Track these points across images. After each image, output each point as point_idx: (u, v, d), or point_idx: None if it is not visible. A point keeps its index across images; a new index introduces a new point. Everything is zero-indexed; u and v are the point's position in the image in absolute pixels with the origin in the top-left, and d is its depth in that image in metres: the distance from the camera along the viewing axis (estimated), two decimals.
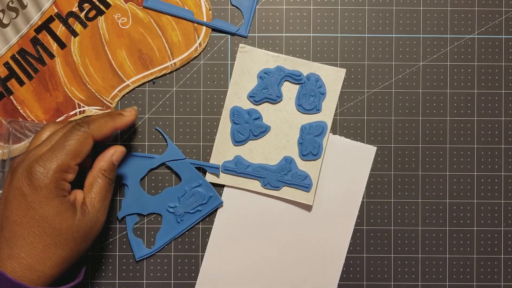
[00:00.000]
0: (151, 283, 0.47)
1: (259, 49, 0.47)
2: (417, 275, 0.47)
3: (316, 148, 0.46)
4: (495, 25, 0.47)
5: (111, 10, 0.46)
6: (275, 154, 0.46)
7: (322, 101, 0.46)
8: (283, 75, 0.46)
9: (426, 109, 0.47)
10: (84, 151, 0.37)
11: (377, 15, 0.47)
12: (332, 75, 0.46)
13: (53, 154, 0.36)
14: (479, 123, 0.47)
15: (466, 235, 0.47)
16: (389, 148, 0.47)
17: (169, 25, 0.47)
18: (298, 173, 0.46)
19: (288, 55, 0.47)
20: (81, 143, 0.37)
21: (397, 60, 0.47)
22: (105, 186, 0.39)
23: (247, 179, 0.46)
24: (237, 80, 0.46)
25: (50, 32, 0.46)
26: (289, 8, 0.47)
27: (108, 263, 0.47)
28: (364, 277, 0.47)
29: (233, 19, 0.47)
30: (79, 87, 0.47)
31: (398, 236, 0.47)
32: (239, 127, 0.46)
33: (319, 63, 0.46)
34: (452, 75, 0.47)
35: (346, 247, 0.47)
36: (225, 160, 0.46)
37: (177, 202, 0.46)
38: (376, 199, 0.47)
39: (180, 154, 0.46)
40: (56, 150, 0.36)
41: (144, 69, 0.47)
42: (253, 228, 0.47)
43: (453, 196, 0.47)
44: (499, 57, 0.47)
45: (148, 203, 0.46)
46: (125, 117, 0.41)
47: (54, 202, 0.35)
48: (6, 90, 0.46)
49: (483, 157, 0.47)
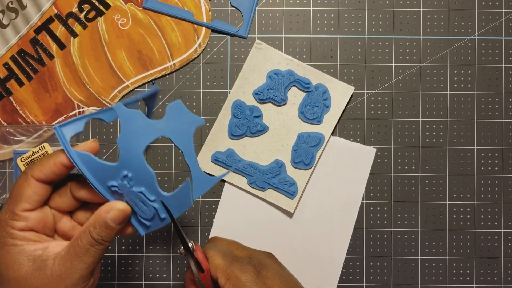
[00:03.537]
0: (150, 284, 0.47)
1: (274, 49, 0.47)
2: (417, 276, 0.47)
3: (309, 158, 0.46)
4: (495, 26, 0.47)
5: (111, 11, 0.46)
6: (268, 155, 0.46)
7: (325, 113, 0.46)
8: (292, 80, 0.46)
9: (426, 110, 0.47)
10: (25, 195, 0.33)
11: (377, 16, 0.47)
12: (341, 90, 0.46)
13: (5, 202, 0.34)
14: (479, 125, 0.47)
15: (466, 237, 0.47)
16: (389, 149, 0.47)
17: (168, 26, 0.47)
18: (286, 179, 0.46)
19: (288, 55, 0.47)
20: (20, 186, 0.33)
21: (397, 61, 0.47)
22: (85, 246, 0.33)
23: (235, 173, 0.46)
24: (246, 75, 0.46)
25: (49, 33, 0.46)
26: (289, 9, 0.47)
27: (107, 263, 0.47)
28: (363, 278, 0.47)
29: (233, 20, 0.47)
30: (78, 87, 0.47)
31: (397, 238, 0.47)
32: (238, 121, 0.46)
33: (330, 76, 0.46)
34: (452, 76, 0.47)
35: (346, 248, 0.47)
36: (217, 151, 0.46)
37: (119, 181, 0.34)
38: (375, 201, 0.47)
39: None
40: (8, 198, 0.34)
41: (143, 70, 0.47)
42: (253, 228, 0.47)
43: (453, 197, 0.47)
44: (499, 58, 0.47)
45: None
46: (74, 148, 0.34)
47: (1, 252, 0.33)
48: (5, 91, 0.46)
49: (483, 158, 0.47)
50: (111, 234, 0.34)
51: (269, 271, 0.37)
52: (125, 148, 0.33)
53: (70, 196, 0.35)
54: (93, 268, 0.33)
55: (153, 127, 0.33)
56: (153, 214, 0.35)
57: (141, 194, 0.34)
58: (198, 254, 0.37)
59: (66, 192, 0.35)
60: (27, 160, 0.44)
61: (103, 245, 0.33)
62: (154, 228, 0.36)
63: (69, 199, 0.35)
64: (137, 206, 0.34)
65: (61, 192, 0.35)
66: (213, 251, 0.37)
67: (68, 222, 0.36)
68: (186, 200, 0.35)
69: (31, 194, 0.33)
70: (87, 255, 0.33)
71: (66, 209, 0.36)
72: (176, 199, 0.35)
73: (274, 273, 0.37)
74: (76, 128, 0.34)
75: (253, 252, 0.39)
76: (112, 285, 0.46)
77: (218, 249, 0.38)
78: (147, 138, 0.33)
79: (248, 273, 0.36)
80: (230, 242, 0.40)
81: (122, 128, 0.33)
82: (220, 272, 0.36)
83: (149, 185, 0.34)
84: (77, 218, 0.37)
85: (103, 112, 0.35)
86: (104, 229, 0.33)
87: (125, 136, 0.33)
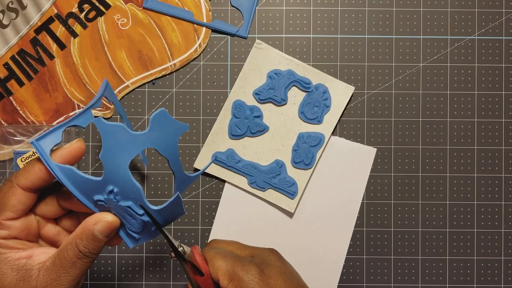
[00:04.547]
0: (150, 284, 0.47)
1: (274, 48, 0.47)
2: (417, 277, 0.47)
3: (309, 158, 0.46)
4: (495, 26, 0.47)
5: (111, 11, 0.46)
6: (268, 155, 0.46)
7: (325, 113, 0.46)
8: (293, 80, 0.46)
9: (426, 110, 0.47)
10: (10, 204, 0.32)
11: (377, 16, 0.47)
12: (341, 90, 0.46)
13: None
14: (479, 125, 0.47)
15: (466, 237, 0.47)
16: (389, 149, 0.47)
17: (169, 26, 0.47)
18: (286, 179, 0.46)
19: (288, 55, 0.47)
20: (4, 194, 0.32)
21: (397, 61, 0.47)
22: (71, 259, 0.32)
23: (235, 173, 0.46)
24: (246, 75, 0.46)
25: (50, 33, 0.46)
26: (289, 9, 0.47)
27: (107, 263, 0.47)
28: (364, 278, 0.47)
29: (233, 20, 0.47)
30: (78, 88, 0.47)
31: (398, 238, 0.47)
32: (238, 121, 0.46)
33: (330, 76, 0.46)
34: (452, 76, 0.47)
35: (346, 249, 0.47)
36: (217, 151, 0.46)
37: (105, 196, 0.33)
38: (376, 201, 0.47)
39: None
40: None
41: (144, 70, 0.47)
42: (254, 228, 0.47)
43: (453, 197, 0.47)
44: (499, 58, 0.47)
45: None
46: (59, 151, 0.33)
47: None
48: (5, 91, 0.46)
49: (483, 158, 0.47)
50: (98, 246, 0.33)
51: (272, 269, 0.36)
52: (109, 162, 0.31)
53: (56, 205, 0.34)
54: (79, 280, 0.32)
55: (137, 140, 0.31)
56: (142, 227, 0.34)
57: (129, 208, 0.33)
58: (196, 258, 0.36)
59: (52, 201, 0.34)
60: (27, 160, 0.44)
61: (90, 258, 0.32)
62: (144, 241, 0.35)
63: (55, 207, 0.34)
64: (125, 219, 0.33)
65: (47, 201, 0.34)
66: (213, 253, 0.37)
67: (53, 228, 0.35)
68: (177, 210, 0.34)
69: (16, 203, 0.32)
70: (73, 268, 0.32)
71: (52, 216, 0.35)
72: (166, 211, 0.34)
73: (277, 271, 0.36)
74: (54, 139, 0.32)
75: (255, 250, 0.39)
76: (113, 285, 0.46)
77: (217, 251, 0.37)
78: (131, 152, 0.31)
79: (251, 273, 0.35)
80: (230, 243, 0.40)
81: (104, 143, 0.31)
82: (222, 274, 0.35)
83: (137, 199, 0.32)
84: (62, 224, 0.36)
85: (77, 118, 0.34)
86: (91, 241, 0.32)
87: (107, 150, 0.31)
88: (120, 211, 0.33)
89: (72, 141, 0.33)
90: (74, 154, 0.33)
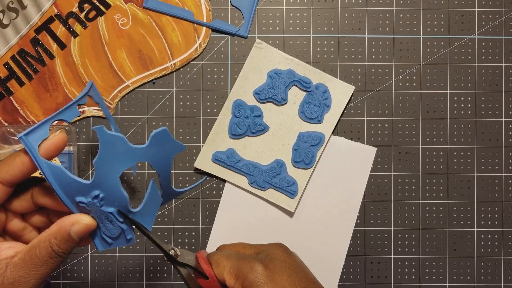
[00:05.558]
0: (150, 284, 0.47)
1: (274, 48, 0.47)
2: (417, 276, 0.47)
3: (309, 158, 0.46)
4: (495, 25, 0.47)
5: (111, 10, 0.46)
6: (268, 155, 0.46)
7: (325, 113, 0.46)
8: (293, 79, 0.46)
9: (426, 109, 0.47)
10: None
11: (377, 15, 0.47)
12: (341, 89, 0.46)
13: None
14: (479, 124, 0.47)
15: (466, 236, 0.47)
16: (389, 148, 0.47)
17: (169, 26, 0.47)
18: (287, 178, 0.46)
19: (288, 55, 0.47)
20: None
21: (397, 60, 0.47)
22: (43, 257, 0.31)
23: (235, 173, 0.46)
24: (246, 74, 0.46)
25: (50, 33, 0.46)
26: (289, 9, 0.47)
27: (107, 263, 0.47)
28: (364, 278, 0.47)
29: (233, 19, 0.47)
30: (79, 87, 0.47)
31: (398, 237, 0.47)
32: (238, 120, 0.46)
33: (330, 75, 0.46)
34: (452, 75, 0.47)
35: (346, 248, 0.47)
36: (218, 150, 0.46)
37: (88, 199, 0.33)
38: (376, 200, 0.47)
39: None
40: None
41: (144, 69, 0.47)
42: (254, 228, 0.47)
43: (453, 197, 0.47)
44: (499, 57, 0.47)
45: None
46: (43, 143, 0.32)
47: None
48: (6, 91, 0.46)
49: (483, 158, 0.47)
50: (71, 247, 0.32)
51: (277, 264, 0.36)
52: (102, 169, 0.31)
53: (29, 201, 0.34)
54: (47, 277, 0.32)
55: (134, 153, 0.32)
56: (118, 233, 0.34)
57: (111, 215, 0.33)
58: (200, 261, 0.36)
59: (26, 196, 0.34)
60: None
61: (62, 258, 0.32)
62: (116, 246, 0.35)
63: (28, 203, 0.34)
64: (103, 223, 0.33)
65: (21, 196, 0.34)
66: (217, 256, 0.37)
67: (19, 223, 0.34)
68: (156, 201, 0.34)
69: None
70: (44, 266, 0.31)
71: (22, 211, 0.34)
72: (146, 207, 0.34)
73: (282, 266, 0.36)
74: (42, 134, 0.32)
75: (261, 247, 0.38)
76: (113, 285, 0.46)
77: (221, 253, 0.37)
78: (126, 163, 0.32)
79: (255, 269, 0.35)
80: (236, 244, 0.40)
81: (101, 150, 0.31)
82: (227, 273, 0.35)
83: (121, 208, 0.33)
84: (30, 220, 0.35)
85: (63, 113, 0.34)
86: (65, 242, 0.31)
87: (103, 158, 0.31)
88: (100, 215, 0.33)
89: (55, 133, 0.33)
90: (57, 145, 0.32)
